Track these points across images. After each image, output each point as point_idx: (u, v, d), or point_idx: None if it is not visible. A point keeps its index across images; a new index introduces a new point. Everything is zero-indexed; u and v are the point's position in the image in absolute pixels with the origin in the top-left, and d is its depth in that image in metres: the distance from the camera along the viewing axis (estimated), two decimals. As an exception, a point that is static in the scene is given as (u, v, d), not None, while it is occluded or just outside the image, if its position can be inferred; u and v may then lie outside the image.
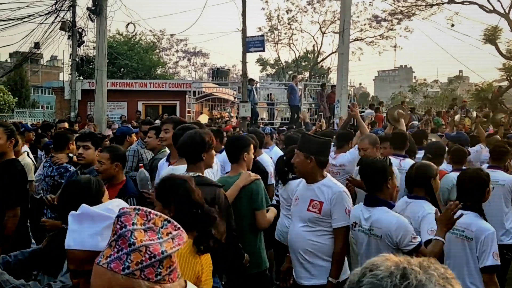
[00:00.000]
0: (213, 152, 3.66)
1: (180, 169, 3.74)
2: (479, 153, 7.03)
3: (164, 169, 4.31)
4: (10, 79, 37.74)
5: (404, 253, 3.18)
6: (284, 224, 5.02)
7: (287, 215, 4.85)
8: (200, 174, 3.50)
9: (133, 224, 1.36)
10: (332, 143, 6.23)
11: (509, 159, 5.41)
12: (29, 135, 8.17)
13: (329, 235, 3.62)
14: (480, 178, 3.63)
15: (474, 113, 7.95)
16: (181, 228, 1.43)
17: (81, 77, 24.78)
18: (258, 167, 5.55)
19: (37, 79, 55.02)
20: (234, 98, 21.87)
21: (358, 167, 5.53)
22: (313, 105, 20.80)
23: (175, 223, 1.43)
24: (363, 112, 19.64)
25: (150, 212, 1.42)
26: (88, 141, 4.83)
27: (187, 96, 21.65)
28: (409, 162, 5.17)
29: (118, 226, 1.35)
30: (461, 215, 3.29)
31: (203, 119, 18.18)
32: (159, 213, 1.43)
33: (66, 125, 8.25)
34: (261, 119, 21.11)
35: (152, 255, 1.31)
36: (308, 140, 3.85)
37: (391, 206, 3.41)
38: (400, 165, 5.24)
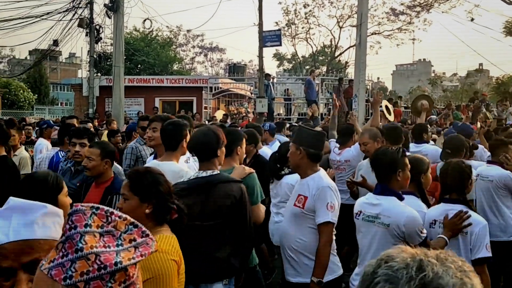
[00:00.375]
0: (223, 148, 3.60)
1: (165, 165, 3.68)
2: (486, 151, 6.85)
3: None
4: (30, 76, 38.22)
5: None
6: (273, 222, 4.91)
7: (278, 213, 4.76)
8: (218, 171, 3.45)
9: (86, 225, 1.15)
10: (335, 140, 6.16)
11: (505, 152, 5.17)
12: (50, 131, 8.24)
13: (313, 232, 3.52)
14: (461, 170, 3.57)
15: (479, 124, 7.82)
16: (150, 236, 1.24)
17: (99, 74, 25.02)
18: (259, 161, 5.50)
19: (56, 76, 55.71)
20: (251, 93, 21.85)
21: (361, 162, 5.44)
22: (330, 100, 20.67)
23: (144, 228, 1.24)
24: (381, 106, 19.46)
25: (112, 213, 1.21)
26: (85, 138, 4.72)
27: (203, 92, 21.71)
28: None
29: (68, 227, 1.15)
30: (470, 224, 3.34)
31: (219, 114, 18.21)
32: (124, 215, 1.23)
33: (75, 121, 8.31)
34: (278, 114, 21.06)
35: (102, 265, 1.10)
36: (300, 131, 3.81)
37: (401, 198, 3.34)
38: None
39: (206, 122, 14.52)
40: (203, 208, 3.24)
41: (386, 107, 8.53)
